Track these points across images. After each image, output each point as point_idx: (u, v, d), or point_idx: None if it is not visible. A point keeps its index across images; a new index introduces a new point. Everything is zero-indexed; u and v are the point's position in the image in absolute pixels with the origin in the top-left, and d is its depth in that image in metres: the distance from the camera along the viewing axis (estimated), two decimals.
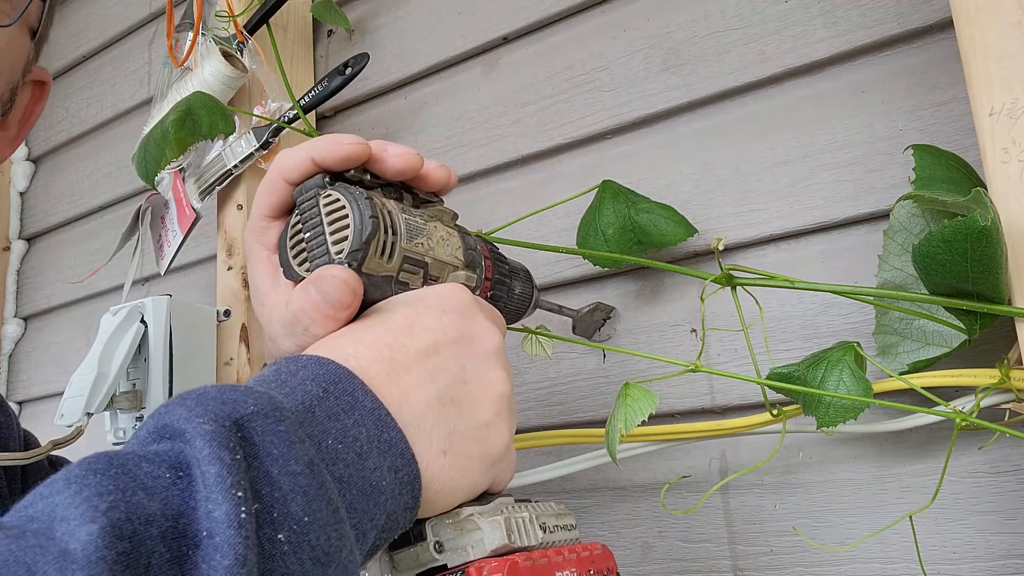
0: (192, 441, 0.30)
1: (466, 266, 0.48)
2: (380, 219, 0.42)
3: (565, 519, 0.44)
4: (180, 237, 0.92)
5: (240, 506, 0.28)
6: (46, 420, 1.25)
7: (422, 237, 0.45)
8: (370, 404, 0.36)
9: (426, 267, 0.45)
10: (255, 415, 0.32)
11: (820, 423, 0.53)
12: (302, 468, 0.32)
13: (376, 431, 0.36)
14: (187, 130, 0.71)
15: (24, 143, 1.41)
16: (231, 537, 0.28)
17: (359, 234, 0.41)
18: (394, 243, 0.43)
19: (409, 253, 0.44)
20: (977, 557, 0.58)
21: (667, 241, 0.67)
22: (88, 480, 0.28)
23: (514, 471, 0.44)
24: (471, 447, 0.40)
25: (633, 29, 0.79)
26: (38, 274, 1.35)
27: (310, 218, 0.43)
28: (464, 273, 0.48)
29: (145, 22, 1.27)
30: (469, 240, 0.50)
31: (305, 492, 0.31)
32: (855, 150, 0.66)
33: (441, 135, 0.90)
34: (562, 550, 0.41)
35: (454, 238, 0.48)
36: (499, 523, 0.40)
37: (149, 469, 0.29)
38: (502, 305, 0.53)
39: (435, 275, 0.46)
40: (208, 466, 0.29)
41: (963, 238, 0.46)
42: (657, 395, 0.54)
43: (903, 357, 0.56)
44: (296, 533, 0.30)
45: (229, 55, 0.87)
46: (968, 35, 0.51)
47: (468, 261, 0.49)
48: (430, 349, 0.41)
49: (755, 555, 0.66)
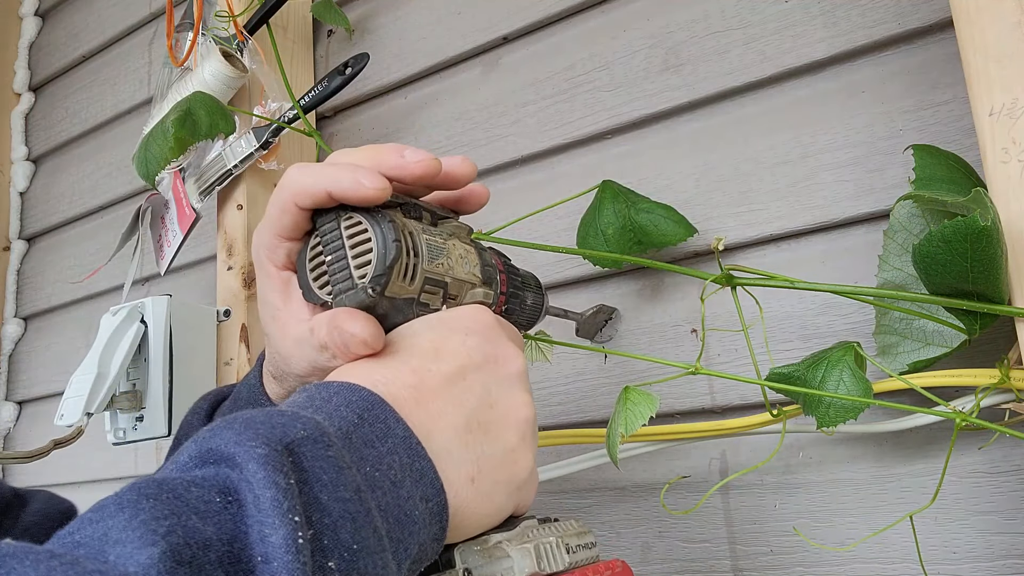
0: (244, 465, 0.29)
1: (483, 283, 0.48)
2: (403, 242, 0.41)
3: (586, 538, 0.44)
4: (180, 237, 0.92)
5: (297, 531, 0.28)
6: (46, 420, 1.25)
7: (442, 257, 0.45)
8: (402, 432, 0.36)
9: (446, 287, 0.45)
10: (305, 440, 0.31)
11: (820, 423, 0.53)
12: (351, 495, 0.31)
13: (408, 460, 0.35)
14: (187, 130, 0.71)
15: (24, 143, 1.41)
16: (289, 563, 0.27)
17: (383, 259, 0.40)
18: (416, 265, 0.42)
19: (430, 274, 0.43)
20: (977, 557, 0.58)
21: (667, 241, 0.67)
22: (142, 504, 0.27)
23: (535, 493, 0.44)
24: (498, 473, 0.40)
25: (633, 29, 0.79)
26: (38, 274, 1.35)
27: (331, 241, 0.42)
28: (482, 291, 0.48)
29: (145, 22, 1.27)
30: (485, 256, 0.50)
31: (354, 519, 0.31)
32: (855, 150, 0.66)
33: (441, 135, 0.90)
34: (587, 571, 0.41)
35: (471, 255, 0.48)
36: (529, 551, 0.40)
37: (199, 493, 0.29)
38: (515, 318, 0.53)
39: (454, 294, 0.46)
40: (263, 490, 0.29)
41: (963, 238, 0.46)
42: (657, 398, 0.54)
43: (903, 357, 0.56)
44: (346, 561, 0.30)
45: (229, 55, 0.87)
46: (968, 35, 0.51)
47: (485, 278, 0.48)
48: (456, 374, 0.40)
49: (755, 555, 0.66)
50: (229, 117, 0.74)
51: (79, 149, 1.33)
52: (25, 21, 1.46)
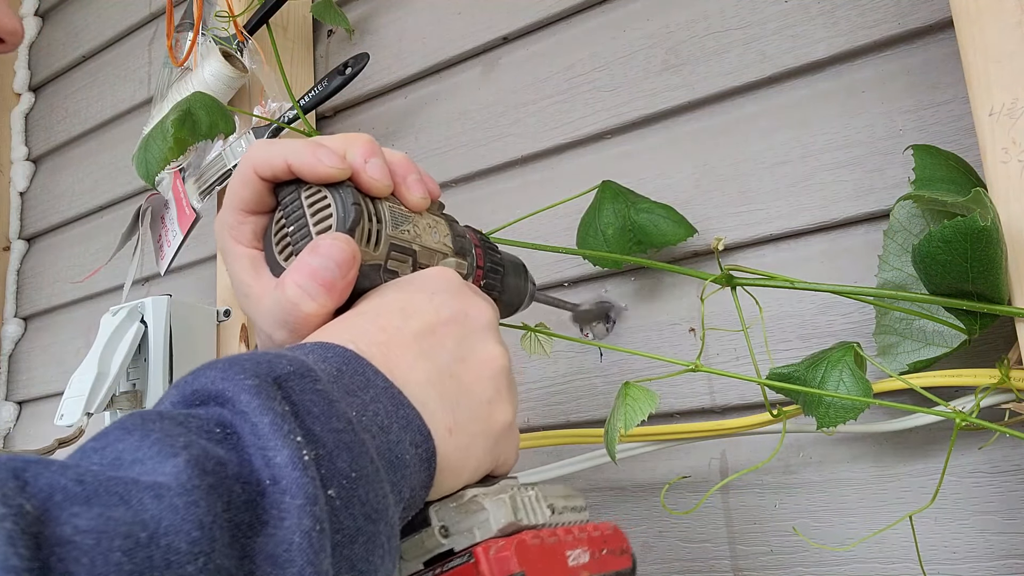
0: (236, 398, 0.29)
1: (456, 253, 0.48)
2: (363, 207, 0.41)
3: (574, 500, 0.43)
4: (180, 237, 0.92)
5: (301, 450, 0.28)
6: (46, 420, 1.25)
7: (408, 224, 0.44)
8: (382, 383, 0.36)
9: (414, 255, 0.44)
10: (292, 375, 0.31)
11: (820, 423, 0.53)
12: (343, 425, 0.31)
13: (392, 408, 0.35)
14: (187, 130, 0.71)
15: (24, 143, 1.41)
16: (298, 478, 0.28)
17: (342, 222, 0.41)
18: (379, 230, 0.42)
19: (396, 240, 0.43)
20: (977, 557, 0.58)
21: (667, 241, 0.67)
22: (151, 427, 0.27)
23: (518, 453, 0.44)
24: (474, 425, 0.39)
25: (633, 29, 0.79)
26: (38, 274, 1.35)
27: (293, 211, 0.42)
28: (455, 260, 0.47)
29: (145, 22, 1.27)
30: (457, 228, 0.49)
31: (350, 448, 0.31)
32: (855, 150, 0.66)
33: (441, 135, 0.90)
34: (572, 529, 0.40)
35: (441, 225, 0.47)
36: (504, 501, 0.39)
37: (198, 424, 0.29)
38: (496, 295, 0.52)
39: (424, 263, 0.45)
40: (259, 417, 0.29)
41: (963, 238, 0.46)
42: (657, 395, 0.54)
43: (903, 357, 0.56)
44: (346, 489, 0.30)
45: (229, 55, 0.87)
46: (968, 35, 0.51)
47: (458, 248, 0.48)
48: (424, 329, 0.40)
49: (755, 555, 0.66)
50: (229, 117, 0.74)
51: (79, 149, 1.33)
52: (25, 21, 1.46)
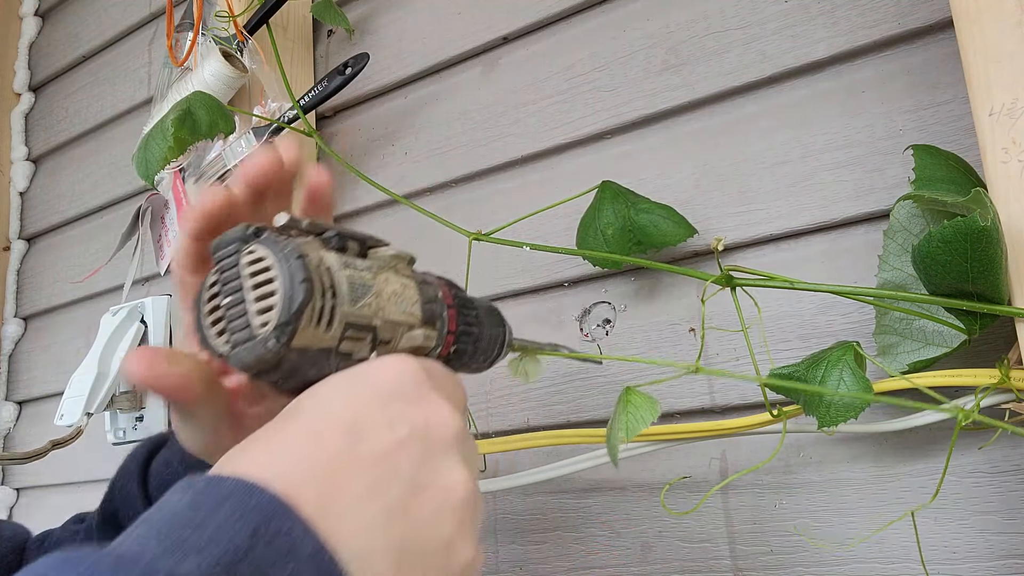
0: None
1: (424, 322, 0.41)
2: (315, 281, 0.34)
3: None
4: None
5: None
6: (46, 420, 1.25)
7: (369, 296, 0.37)
8: (310, 548, 0.29)
9: (374, 331, 0.38)
10: None
11: (821, 423, 0.53)
12: None
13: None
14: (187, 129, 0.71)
15: (24, 143, 1.41)
16: None
17: (288, 303, 0.33)
18: (334, 308, 0.35)
19: (353, 318, 0.36)
20: (977, 557, 0.58)
21: (667, 242, 0.67)
22: None
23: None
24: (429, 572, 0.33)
25: (633, 29, 0.79)
26: (38, 274, 1.35)
27: (230, 279, 0.35)
28: (421, 332, 0.41)
29: (145, 22, 1.27)
30: (429, 290, 0.42)
31: None
32: (855, 150, 0.66)
33: (441, 135, 0.90)
34: None
35: (409, 290, 0.40)
36: None
37: None
38: (467, 360, 0.46)
39: (386, 338, 0.38)
40: None
41: (963, 238, 0.46)
42: (659, 402, 0.54)
43: (903, 357, 0.56)
44: None
45: (229, 55, 0.87)
46: (968, 35, 0.51)
47: (427, 317, 0.41)
48: (376, 454, 0.33)
49: (755, 555, 0.66)
50: (229, 117, 0.74)
51: (79, 149, 1.33)
52: (25, 21, 1.46)
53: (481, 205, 0.86)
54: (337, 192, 0.97)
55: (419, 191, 0.90)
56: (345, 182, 0.96)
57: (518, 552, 0.78)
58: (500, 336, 0.49)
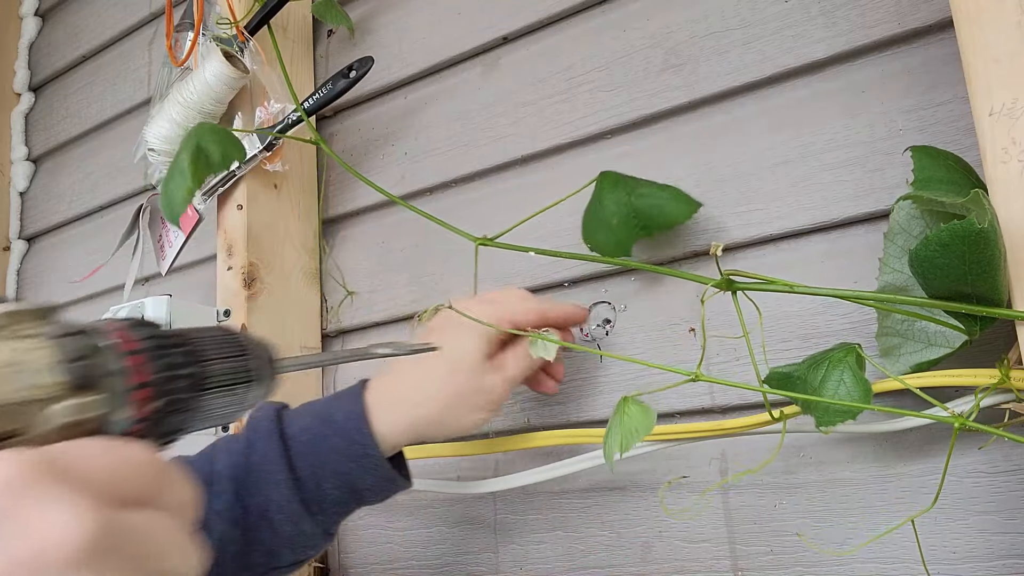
0: None
1: (75, 389, 0.30)
2: None
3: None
4: (182, 238, 0.92)
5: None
6: None
7: None
8: None
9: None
10: None
11: (819, 423, 0.53)
12: None
13: None
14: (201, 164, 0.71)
15: (24, 143, 1.41)
16: None
17: None
18: None
19: None
20: (977, 557, 0.58)
21: (672, 221, 0.67)
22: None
23: None
24: None
25: (633, 29, 0.79)
26: (38, 274, 1.35)
27: None
28: (74, 403, 0.30)
29: (145, 22, 1.27)
30: (80, 344, 0.31)
31: None
32: (855, 150, 0.66)
33: (441, 135, 0.90)
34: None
35: (38, 353, 0.30)
36: None
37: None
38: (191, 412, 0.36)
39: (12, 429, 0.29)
40: None
41: (960, 241, 0.46)
42: (655, 412, 0.55)
43: (906, 359, 0.56)
44: None
45: (230, 56, 0.87)
46: (968, 35, 0.51)
47: (78, 378, 0.31)
48: None
49: (755, 555, 0.66)
50: (239, 144, 0.73)
51: (79, 149, 1.33)
52: (25, 21, 1.46)
53: (481, 205, 0.86)
54: (337, 193, 0.97)
55: (419, 191, 0.90)
56: (345, 183, 0.96)
57: (518, 552, 0.78)
58: (244, 367, 0.39)
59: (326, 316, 0.95)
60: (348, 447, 0.61)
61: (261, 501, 0.60)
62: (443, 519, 0.83)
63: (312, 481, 0.61)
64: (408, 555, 0.85)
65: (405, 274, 0.89)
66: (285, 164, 0.89)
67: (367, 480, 0.62)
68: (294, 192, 0.94)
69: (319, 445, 0.61)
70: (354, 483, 0.62)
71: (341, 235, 0.97)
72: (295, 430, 0.62)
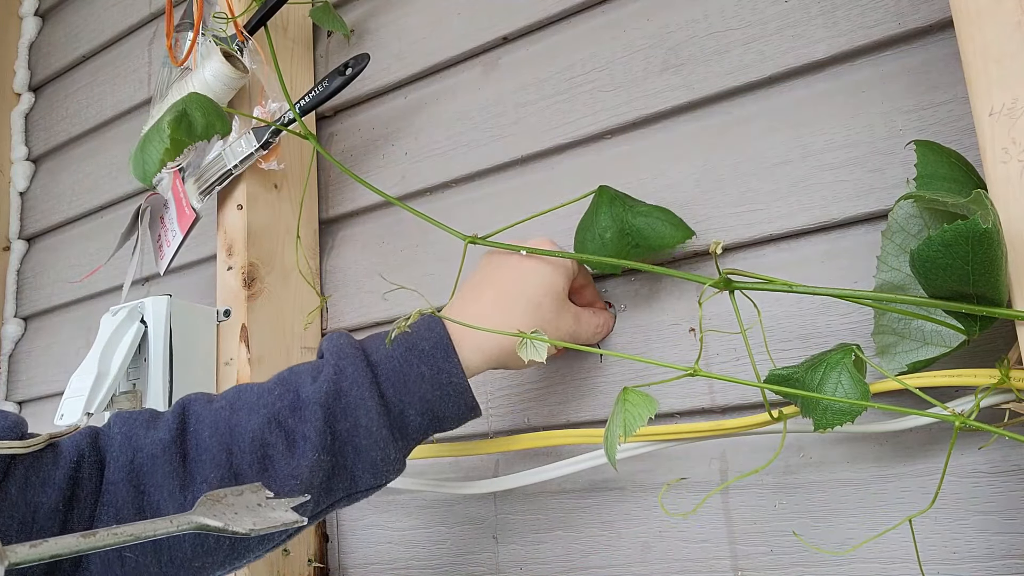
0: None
1: None
2: None
3: None
4: (180, 237, 0.92)
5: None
6: (46, 420, 1.25)
7: None
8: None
9: None
10: None
11: (817, 425, 0.53)
12: None
13: None
14: (183, 131, 0.71)
15: (24, 143, 1.41)
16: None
17: None
18: None
19: None
20: (977, 557, 0.58)
21: (665, 244, 0.67)
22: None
23: None
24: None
25: (633, 29, 0.79)
26: (38, 274, 1.35)
27: None
28: None
29: (145, 22, 1.27)
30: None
31: None
32: (855, 150, 0.66)
33: (441, 135, 0.90)
34: None
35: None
36: None
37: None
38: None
39: None
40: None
41: (964, 241, 0.46)
42: (656, 400, 0.54)
43: (901, 357, 0.56)
44: None
45: (230, 55, 0.87)
46: (968, 35, 0.51)
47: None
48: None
49: (755, 555, 0.66)
50: (225, 118, 0.73)
51: (79, 149, 1.33)
52: (25, 21, 1.46)
53: (481, 205, 0.86)
54: (336, 193, 0.97)
55: (419, 191, 0.90)
56: (345, 183, 0.96)
57: (518, 552, 0.78)
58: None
59: (326, 316, 0.95)
60: (435, 375, 0.62)
61: (349, 426, 0.60)
62: (443, 519, 0.83)
63: (398, 407, 0.62)
64: (408, 555, 0.85)
65: (405, 274, 0.89)
66: (282, 163, 0.89)
67: (449, 408, 0.63)
68: (294, 192, 0.95)
69: (406, 372, 0.62)
70: (437, 410, 0.63)
71: (341, 235, 0.97)
72: (379, 357, 0.63)
